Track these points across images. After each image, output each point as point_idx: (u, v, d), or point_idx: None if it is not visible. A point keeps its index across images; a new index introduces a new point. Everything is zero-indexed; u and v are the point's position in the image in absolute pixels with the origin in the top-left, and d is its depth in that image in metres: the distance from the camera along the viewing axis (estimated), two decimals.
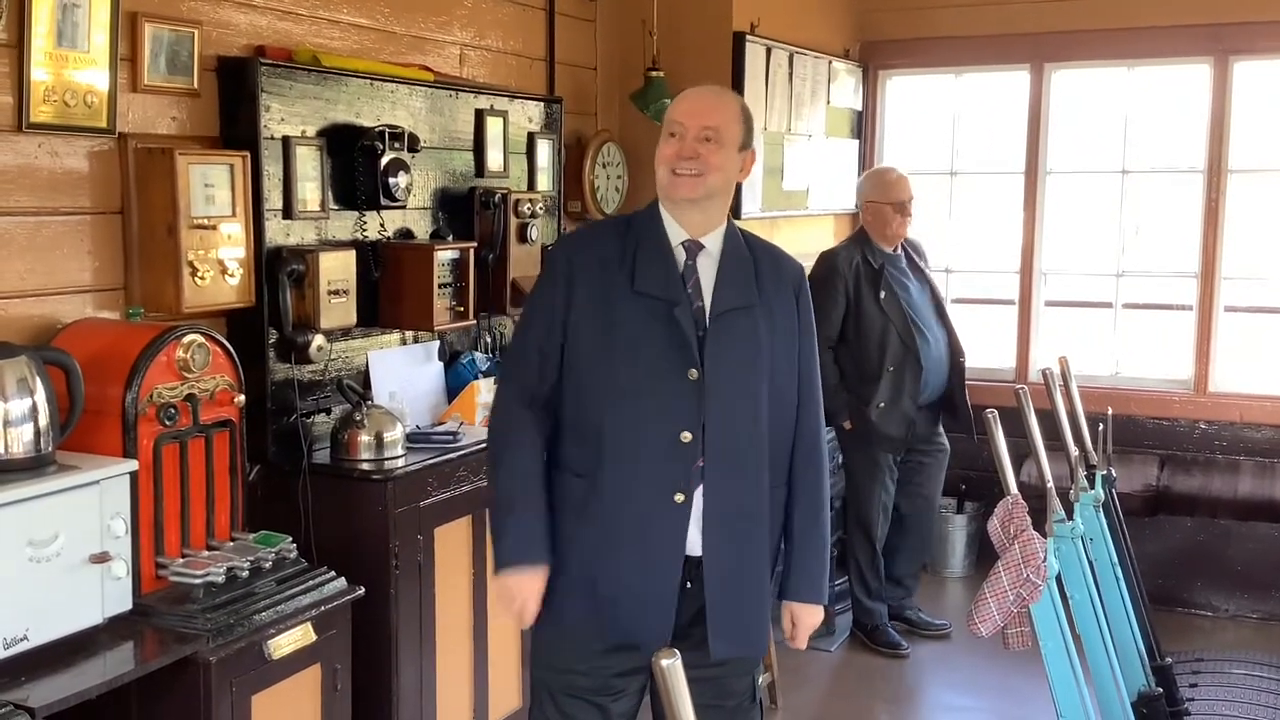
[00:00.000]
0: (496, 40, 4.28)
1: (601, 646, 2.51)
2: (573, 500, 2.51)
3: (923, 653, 5.09)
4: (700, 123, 2.46)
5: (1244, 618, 5.59)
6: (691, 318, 2.46)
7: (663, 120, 2.55)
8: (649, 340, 2.45)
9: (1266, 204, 5.80)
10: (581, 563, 2.50)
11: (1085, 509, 3.55)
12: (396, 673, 3.23)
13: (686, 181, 2.47)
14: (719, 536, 2.47)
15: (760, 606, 2.58)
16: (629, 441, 2.45)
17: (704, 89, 2.59)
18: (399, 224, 3.72)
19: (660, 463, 2.44)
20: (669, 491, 2.43)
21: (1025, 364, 6.14)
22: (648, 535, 2.45)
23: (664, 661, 1.41)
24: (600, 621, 2.49)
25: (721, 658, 2.51)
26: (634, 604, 2.46)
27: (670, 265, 2.49)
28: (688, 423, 2.43)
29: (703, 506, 2.46)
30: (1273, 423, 5.64)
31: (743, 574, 2.52)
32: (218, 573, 2.71)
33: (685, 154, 2.46)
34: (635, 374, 2.45)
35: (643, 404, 2.45)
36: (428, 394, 3.84)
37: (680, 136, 2.48)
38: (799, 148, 5.59)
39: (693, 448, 2.43)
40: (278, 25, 3.39)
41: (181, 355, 2.76)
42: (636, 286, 2.46)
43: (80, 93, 2.79)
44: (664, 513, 2.44)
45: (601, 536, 2.47)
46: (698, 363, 2.43)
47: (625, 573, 2.46)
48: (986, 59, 6.15)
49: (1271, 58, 5.67)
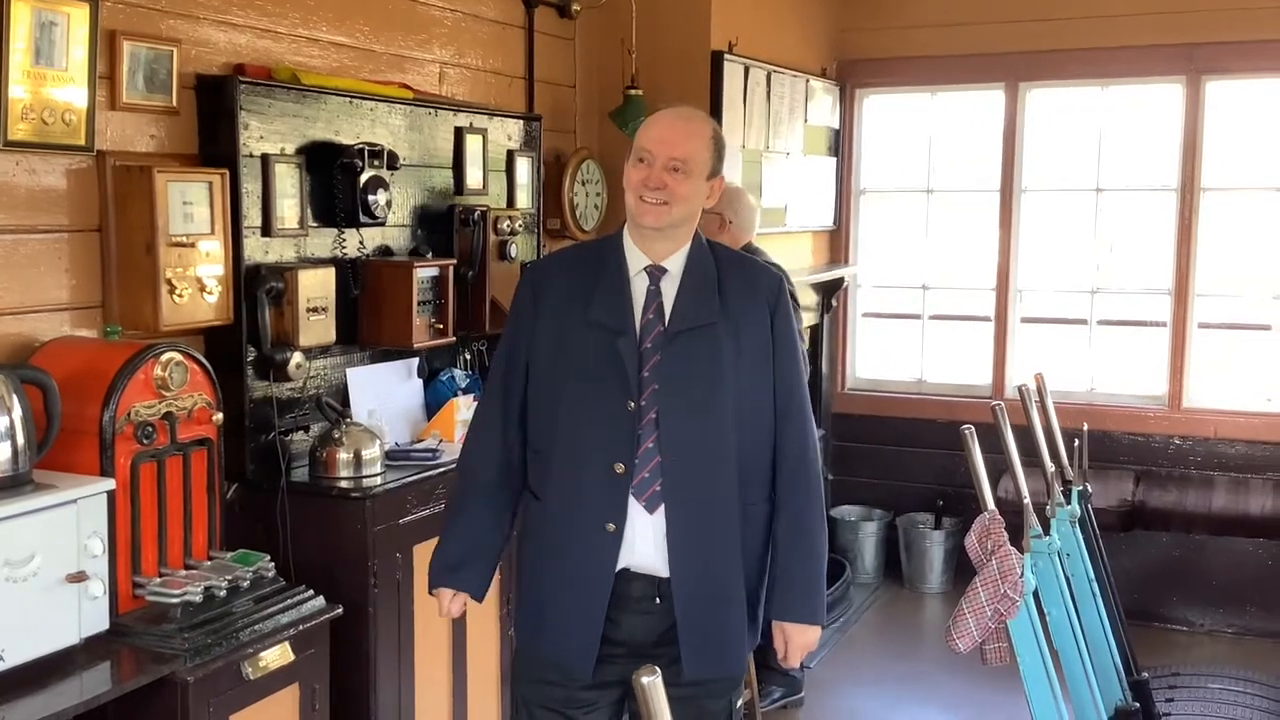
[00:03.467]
0: (476, 58, 4.29)
1: (544, 663, 2.58)
2: (531, 521, 2.61)
3: (900, 669, 5.10)
4: (669, 153, 2.45)
5: (1220, 632, 5.62)
6: (636, 350, 2.46)
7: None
8: (592, 370, 2.47)
9: (1239, 221, 5.87)
10: (532, 583, 2.61)
11: (1062, 525, 3.57)
12: (375, 691, 3.22)
13: (652, 210, 2.47)
14: (686, 557, 2.48)
15: (735, 626, 2.56)
16: (569, 469, 2.50)
17: (676, 114, 2.55)
18: (378, 241, 3.72)
19: (594, 492, 2.47)
20: (601, 520, 2.46)
21: (1002, 380, 6.18)
22: (579, 561, 2.49)
23: (644, 679, 1.41)
24: (538, 638, 2.59)
25: (695, 677, 2.51)
26: (562, 624, 2.52)
27: (624, 295, 2.50)
28: (622, 454, 2.45)
29: (666, 528, 2.46)
30: (1246, 438, 5.69)
31: (714, 594, 2.51)
32: (195, 592, 2.70)
33: (652, 184, 2.46)
34: (578, 402, 2.48)
35: (582, 433, 2.48)
36: (407, 411, 3.83)
37: (649, 164, 2.47)
38: (777, 165, 5.62)
39: (625, 479, 2.45)
40: (257, 43, 3.39)
41: (159, 373, 2.75)
42: (589, 316, 2.48)
43: (58, 110, 2.79)
44: (596, 541, 2.47)
45: (546, 558, 2.55)
46: (635, 395, 2.44)
47: (558, 594, 2.53)
48: (962, 78, 6.21)
49: (1243, 77, 5.75)
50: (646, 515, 2.46)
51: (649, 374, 2.46)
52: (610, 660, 2.51)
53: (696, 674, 2.51)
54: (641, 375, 2.45)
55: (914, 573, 6.07)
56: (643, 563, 2.48)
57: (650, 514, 2.46)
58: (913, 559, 6.09)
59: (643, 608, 2.50)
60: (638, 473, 2.45)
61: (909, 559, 6.11)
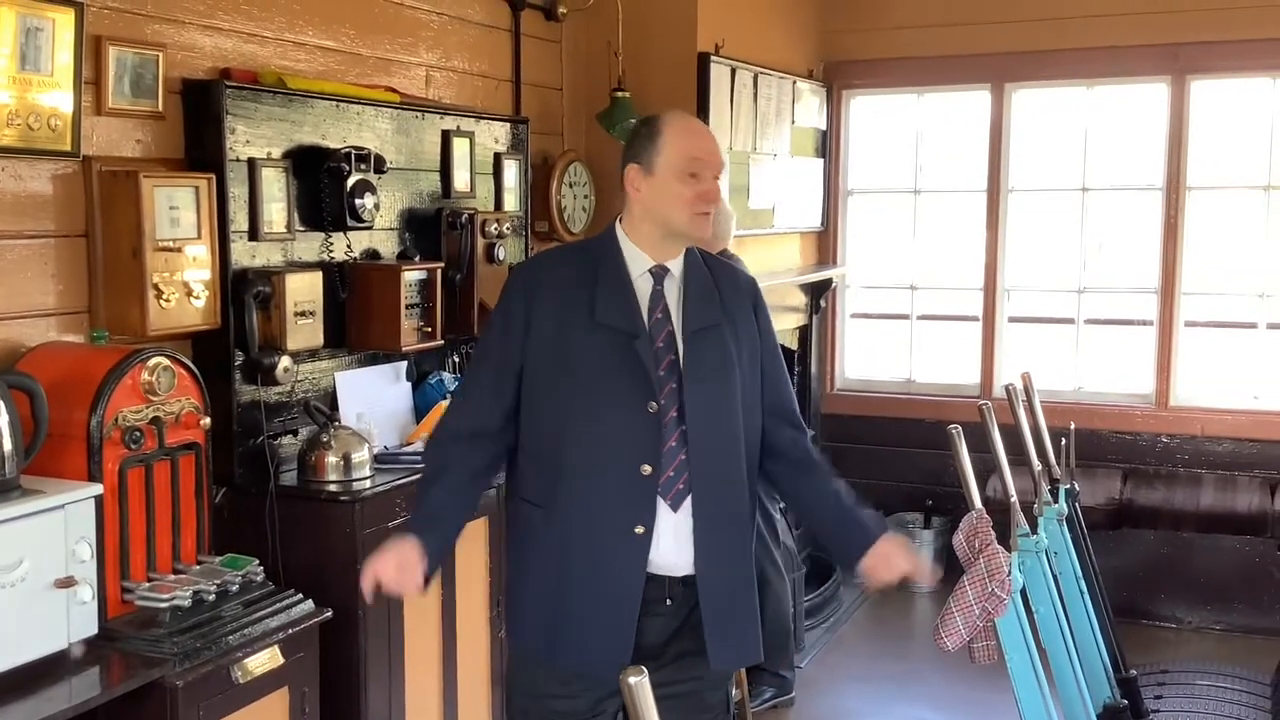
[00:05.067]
0: (462, 61, 4.30)
1: (560, 674, 2.52)
2: (530, 530, 2.54)
3: (890, 668, 5.11)
4: (719, 163, 2.50)
5: (1207, 629, 5.65)
6: (652, 350, 2.46)
7: (659, 157, 2.45)
8: (608, 373, 2.45)
9: (1224, 220, 5.89)
10: (536, 594, 2.53)
11: (1049, 523, 3.59)
12: (365, 695, 3.22)
13: (706, 221, 2.49)
14: (712, 554, 2.49)
15: (753, 615, 2.60)
16: (588, 474, 2.45)
17: (699, 122, 2.61)
18: (366, 245, 3.72)
19: (620, 495, 2.44)
20: (629, 524, 2.44)
21: (989, 380, 6.20)
22: (604, 567, 2.45)
23: (631, 679, 1.41)
24: (554, 650, 2.51)
25: (720, 668, 2.53)
26: (588, 634, 2.47)
27: (631, 296, 2.49)
28: (648, 455, 2.43)
29: (693, 524, 2.46)
30: (1233, 436, 5.71)
31: (736, 586, 2.55)
32: (184, 596, 2.70)
33: (712, 197, 2.47)
34: (594, 407, 2.45)
35: (602, 437, 2.44)
36: (395, 414, 3.83)
37: (701, 177, 2.47)
38: (764, 167, 5.63)
39: (652, 479, 2.43)
40: (243, 48, 3.39)
41: (147, 378, 2.75)
42: (597, 318, 2.46)
43: (44, 116, 2.78)
44: (623, 545, 2.44)
45: (557, 567, 2.49)
46: (656, 395, 2.44)
47: (579, 604, 2.47)
48: (948, 79, 6.23)
49: (1227, 77, 5.78)
50: (671, 514, 2.46)
51: (664, 373, 2.46)
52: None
53: (723, 666, 2.53)
54: (659, 374, 2.46)
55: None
56: (663, 562, 2.47)
57: (675, 512, 2.46)
58: None
59: (655, 610, 2.49)
60: (663, 472, 2.44)
61: None
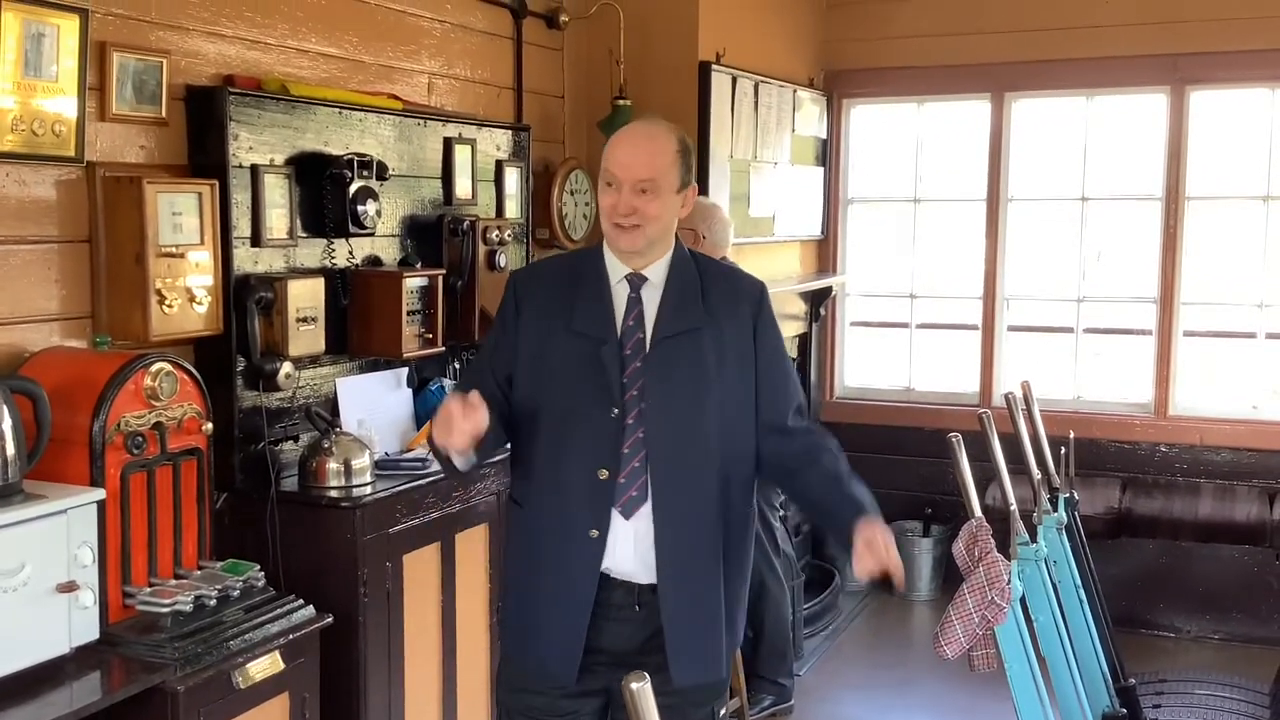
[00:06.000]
0: (465, 69, 4.31)
1: (527, 670, 2.58)
2: (514, 528, 2.64)
3: (889, 676, 5.11)
4: (634, 176, 2.44)
5: (1206, 638, 5.65)
6: (619, 356, 2.47)
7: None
8: (575, 378, 2.48)
9: (1224, 230, 5.91)
10: (517, 591, 2.62)
11: (1048, 531, 3.59)
12: (365, 701, 3.22)
13: (626, 234, 2.47)
14: (674, 564, 2.49)
15: (718, 631, 2.57)
16: (554, 476, 2.51)
17: (637, 131, 2.55)
18: (367, 251, 3.72)
19: (578, 498, 2.48)
20: (584, 527, 2.47)
21: (989, 388, 6.20)
22: (565, 568, 2.50)
23: (634, 685, 1.42)
24: (521, 646, 2.59)
25: (682, 685, 2.51)
26: (545, 633, 2.53)
27: (606, 304, 2.51)
28: (606, 460, 2.46)
29: (653, 534, 2.47)
30: (1232, 445, 5.72)
31: (697, 600, 2.52)
32: (185, 601, 2.71)
33: (622, 209, 2.45)
34: (561, 410, 2.49)
35: (566, 440, 2.49)
36: (396, 421, 3.83)
37: (616, 188, 2.46)
38: (765, 175, 5.64)
39: (608, 484, 2.46)
40: (246, 54, 3.40)
41: (149, 383, 2.76)
42: (573, 325, 2.50)
43: (48, 121, 2.79)
44: (579, 547, 2.48)
45: (527, 566, 2.57)
46: (619, 401, 2.45)
47: (541, 603, 2.54)
48: (948, 88, 6.25)
49: (1226, 87, 5.79)
50: (624, 520, 2.47)
51: (628, 380, 2.47)
52: (592, 668, 2.51)
53: (684, 682, 2.51)
54: (623, 381, 2.47)
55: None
56: (622, 568, 2.49)
57: (627, 519, 2.47)
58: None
59: (623, 615, 2.50)
60: (619, 477, 2.46)
61: None
